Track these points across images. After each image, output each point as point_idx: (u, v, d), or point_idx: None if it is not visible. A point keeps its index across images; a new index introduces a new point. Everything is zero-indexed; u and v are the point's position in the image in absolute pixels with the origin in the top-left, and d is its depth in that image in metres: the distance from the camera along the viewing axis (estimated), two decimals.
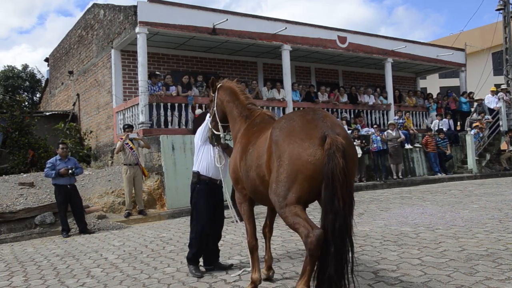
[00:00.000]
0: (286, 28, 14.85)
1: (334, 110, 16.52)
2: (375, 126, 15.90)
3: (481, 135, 17.85)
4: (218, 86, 5.04)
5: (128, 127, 10.91)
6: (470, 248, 5.53)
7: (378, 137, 14.94)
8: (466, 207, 8.94)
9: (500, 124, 18.58)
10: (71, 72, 18.17)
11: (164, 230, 8.82)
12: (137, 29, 12.47)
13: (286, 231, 7.64)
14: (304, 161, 3.41)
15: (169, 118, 12.80)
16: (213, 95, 5.09)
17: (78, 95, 17.67)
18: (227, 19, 13.52)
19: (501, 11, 21.73)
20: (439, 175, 16.30)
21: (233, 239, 7.31)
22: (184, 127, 12.94)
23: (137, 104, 12.60)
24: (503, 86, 20.43)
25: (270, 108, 14.93)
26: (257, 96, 14.99)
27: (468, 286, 4.13)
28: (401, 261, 5.16)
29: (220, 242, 7.13)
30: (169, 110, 12.78)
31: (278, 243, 6.69)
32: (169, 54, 15.40)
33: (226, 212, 5.75)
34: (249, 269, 4.73)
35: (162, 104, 12.72)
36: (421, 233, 6.68)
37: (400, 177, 15.25)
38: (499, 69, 25.04)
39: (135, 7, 12.54)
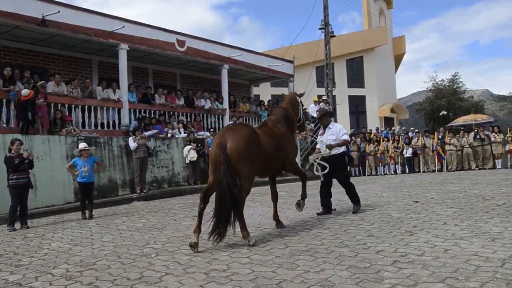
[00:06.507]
0: (123, 26, 14.44)
1: (171, 113, 16.57)
2: (211, 130, 16.33)
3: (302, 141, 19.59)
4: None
5: None
6: (293, 245, 6.06)
7: None
8: (291, 207, 9.74)
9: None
10: None
11: None
12: None
13: (118, 236, 7.44)
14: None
15: None
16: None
17: None
18: (59, 11, 12.65)
19: (323, 30, 24.23)
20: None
21: (59, 246, 6.84)
22: (5, 125, 11.68)
23: None
24: (324, 97, 22.84)
25: (105, 108, 14.35)
26: (90, 95, 14.26)
27: (290, 279, 4.53)
28: (232, 261, 5.41)
29: (45, 251, 6.65)
30: None
31: (109, 249, 6.48)
32: None
33: None
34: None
35: None
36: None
37: None
38: (321, 82, 27.86)
39: None
